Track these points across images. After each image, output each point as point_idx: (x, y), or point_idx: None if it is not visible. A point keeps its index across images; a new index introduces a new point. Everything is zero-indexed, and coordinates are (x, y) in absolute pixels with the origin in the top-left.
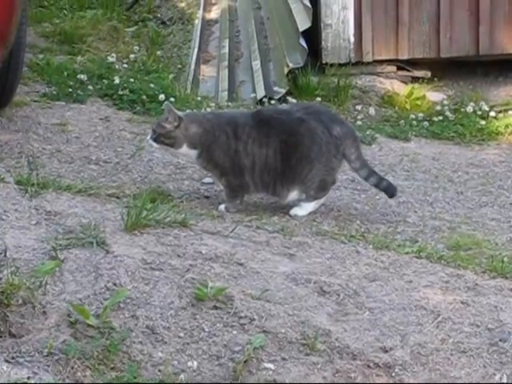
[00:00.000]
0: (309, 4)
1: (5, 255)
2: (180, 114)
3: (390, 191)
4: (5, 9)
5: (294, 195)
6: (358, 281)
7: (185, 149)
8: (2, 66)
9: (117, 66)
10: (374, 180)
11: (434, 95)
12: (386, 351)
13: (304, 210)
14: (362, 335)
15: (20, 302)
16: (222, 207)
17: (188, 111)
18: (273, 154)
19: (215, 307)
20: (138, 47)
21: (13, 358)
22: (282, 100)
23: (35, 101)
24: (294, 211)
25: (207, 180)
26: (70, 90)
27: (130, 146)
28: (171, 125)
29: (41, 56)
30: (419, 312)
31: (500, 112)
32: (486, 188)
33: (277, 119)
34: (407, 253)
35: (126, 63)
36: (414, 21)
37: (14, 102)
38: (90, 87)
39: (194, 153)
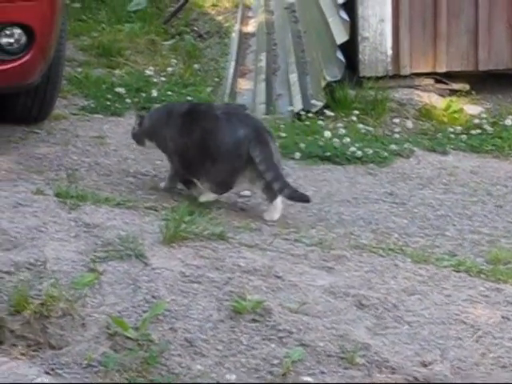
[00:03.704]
0: (346, 17)
1: (45, 267)
2: (143, 113)
3: (296, 198)
4: (45, 23)
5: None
6: (397, 294)
7: (148, 143)
8: (41, 79)
9: (154, 79)
10: (277, 186)
11: (472, 108)
12: (426, 365)
13: (204, 197)
14: (401, 349)
15: (59, 313)
16: (161, 184)
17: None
18: (191, 145)
19: (253, 320)
20: (175, 60)
21: (52, 369)
22: (320, 113)
23: (74, 114)
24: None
25: (245, 193)
26: (108, 103)
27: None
28: (136, 125)
29: (79, 69)
30: (459, 326)
31: None
32: None
33: (199, 113)
34: (446, 266)
35: (164, 76)
36: (452, 33)
37: (53, 115)
38: (128, 100)
39: (153, 145)
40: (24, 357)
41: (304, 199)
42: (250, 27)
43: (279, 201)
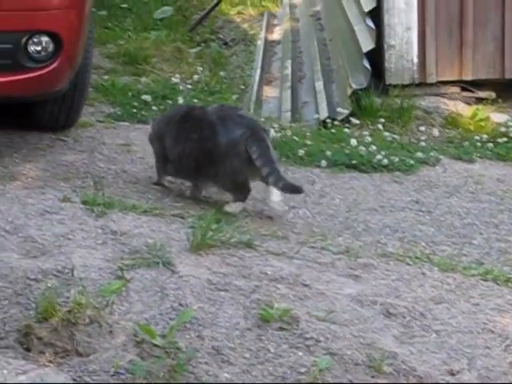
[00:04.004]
0: (372, 25)
1: (72, 274)
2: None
3: (289, 190)
4: (72, 31)
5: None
6: (424, 303)
7: (157, 146)
8: (68, 87)
9: (180, 87)
10: (272, 179)
11: (499, 116)
12: (453, 374)
13: (229, 207)
14: (428, 358)
15: (87, 321)
16: (187, 192)
17: None
18: (188, 152)
19: (281, 328)
20: (201, 68)
21: (79, 376)
22: (346, 121)
23: (100, 121)
24: (224, 208)
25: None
26: (135, 110)
27: None
28: (151, 129)
29: (106, 77)
30: (486, 335)
31: None
32: None
33: (195, 119)
34: (473, 275)
35: (190, 84)
36: (478, 41)
37: (80, 122)
38: (155, 108)
39: None
40: (51, 364)
41: (298, 190)
42: (276, 35)
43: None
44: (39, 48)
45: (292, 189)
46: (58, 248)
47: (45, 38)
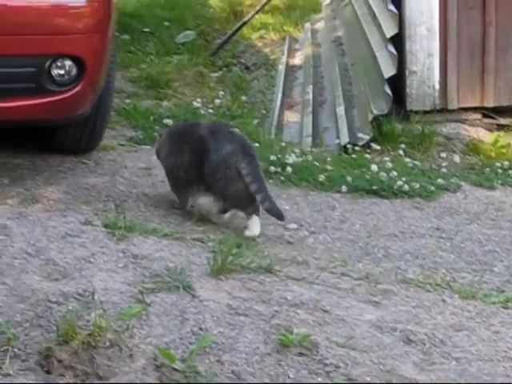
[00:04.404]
0: (394, 51)
1: (93, 298)
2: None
3: (272, 213)
4: (95, 55)
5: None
6: (444, 330)
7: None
8: (91, 110)
9: (202, 111)
10: (260, 197)
11: None
12: None
13: (249, 231)
14: None
15: (107, 344)
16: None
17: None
18: (182, 163)
19: (300, 354)
20: (222, 92)
21: None
22: (366, 147)
23: (122, 145)
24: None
25: (292, 226)
26: (156, 134)
27: None
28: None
29: (128, 101)
30: (507, 363)
31: None
32: None
33: (187, 133)
34: (494, 303)
35: (211, 108)
36: (500, 68)
37: (102, 145)
38: None
39: None
40: None
41: (280, 217)
42: (297, 60)
43: (257, 217)
44: (62, 72)
45: (276, 213)
46: (79, 271)
47: (68, 62)
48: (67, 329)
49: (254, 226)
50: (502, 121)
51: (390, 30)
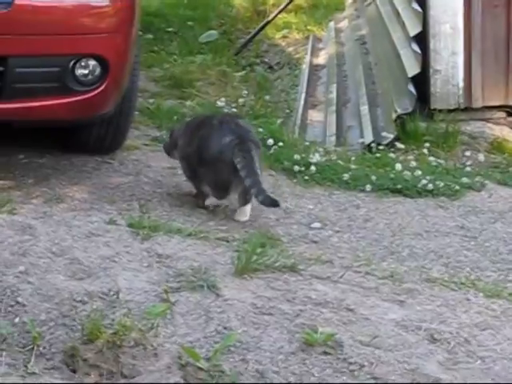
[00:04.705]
0: (418, 49)
1: (117, 297)
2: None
3: (268, 204)
4: (119, 55)
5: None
6: (469, 329)
7: (175, 155)
8: (115, 110)
9: (225, 111)
10: (254, 190)
11: None
12: None
13: (239, 216)
14: None
15: (132, 343)
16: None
17: None
18: (192, 153)
19: (325, 353)
20: (246, 91)
21: None
22: (390, 145)
23: (146, 144)
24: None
25: (315, 225)
26: None
27: None
28: (167, 139)
29: (151, 100)
30: None
31: None
32: None
33: (201, 124)
34: None
35: (235, 107)
36: None
37: (126, 145)
38: None
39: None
40: None
41: (275, 204)
42: (321, 59)
43: (249, 206)
44: (86, 71)
45: (270, 202)
46: (103, 270)
47: (92, 62)
48: (92, 328)
49: (242, 213)
50: None
51: (414, 29)
